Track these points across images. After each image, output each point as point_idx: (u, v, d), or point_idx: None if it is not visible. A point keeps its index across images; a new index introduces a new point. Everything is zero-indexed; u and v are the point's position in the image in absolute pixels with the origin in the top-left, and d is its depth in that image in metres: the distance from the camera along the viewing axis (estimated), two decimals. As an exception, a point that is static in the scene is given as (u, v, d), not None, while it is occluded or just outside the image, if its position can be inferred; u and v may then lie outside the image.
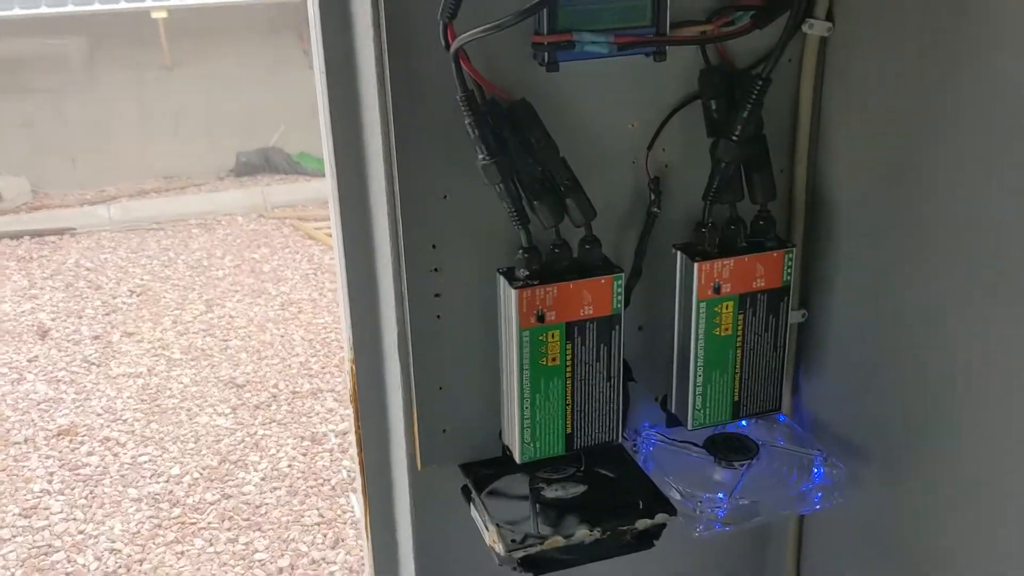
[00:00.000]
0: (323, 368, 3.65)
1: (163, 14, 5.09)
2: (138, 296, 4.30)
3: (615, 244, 0.82)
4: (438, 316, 0.79)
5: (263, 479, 3.03)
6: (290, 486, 3.02)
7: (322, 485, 3.04)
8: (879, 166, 0.79)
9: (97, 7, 4.97)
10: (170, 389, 3.50)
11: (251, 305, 4.19)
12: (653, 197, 0.81)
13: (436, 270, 0.78)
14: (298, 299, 4.25)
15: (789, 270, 0.82)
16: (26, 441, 3.18)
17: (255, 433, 3.25)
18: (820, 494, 0.82)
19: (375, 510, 0.93)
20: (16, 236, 4.98)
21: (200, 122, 5.86)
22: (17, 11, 4.87)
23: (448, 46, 0.68)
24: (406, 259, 0.77)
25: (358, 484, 0.99)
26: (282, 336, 3.90)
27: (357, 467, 0.95)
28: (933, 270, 0.74)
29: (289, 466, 3.11)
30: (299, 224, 5.12)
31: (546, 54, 0.71)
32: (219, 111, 5.87)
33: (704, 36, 0.76)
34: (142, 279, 4.48)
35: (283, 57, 5.86)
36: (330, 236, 4.16)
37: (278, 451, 3.17)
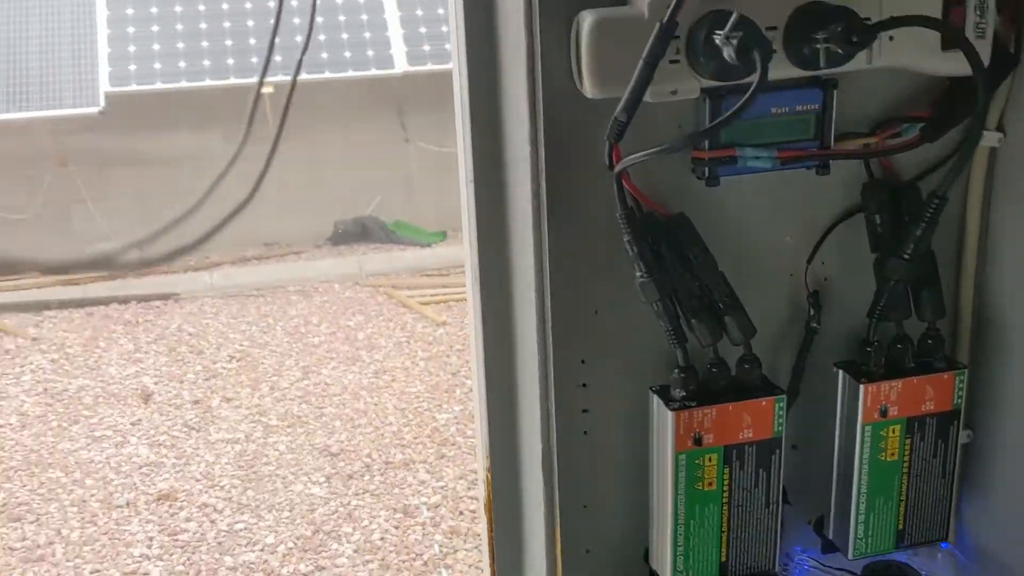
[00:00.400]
0: (415, 438, 3.65)
1: (270, 89, 5.29)
2: (238, 362, 4.39)
3: (771, 361, 0.79)
4: (585, 432, 0.77)
5: (356, 551, 3.03)
6: (382, 559, 3.01)
7: (414, 560, 3.01)
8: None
9: (208, 83, 5.19)
10: (266, 456, 3.54)
11: (345, 372, 4.24)
12: (812, 312, 0.78)
13: (584, 385, 0.76)
14: (391, 367, 4.29)
15: (960, 392, 0.77)
16: (128, 505, 3.25)
17: (348, 503, 3.25)
18: (992, 635, 0.77)
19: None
20: (124, 300, 5.17)
21: (301, 192, 6.04)
22: (134, 87, 5.13)
23: (612, 166, 0.68)
24: (555, 374, 0.75)
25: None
26: (375, 405, 3.93)
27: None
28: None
29: (382, 539, 3.09)
30: (393, 292, 5.19)
31: (707, 169, 0.70)
32: (319, 182, 6.05)
33: (869, 150, 0.74)
34: (241, 345, 4.58)
35: (382, 130, 6.02)
36: (422, 304, 4.21)
37: (371, 523, 3.17)
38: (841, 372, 0.78)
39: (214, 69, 5.22)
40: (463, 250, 0.86)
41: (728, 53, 0.62)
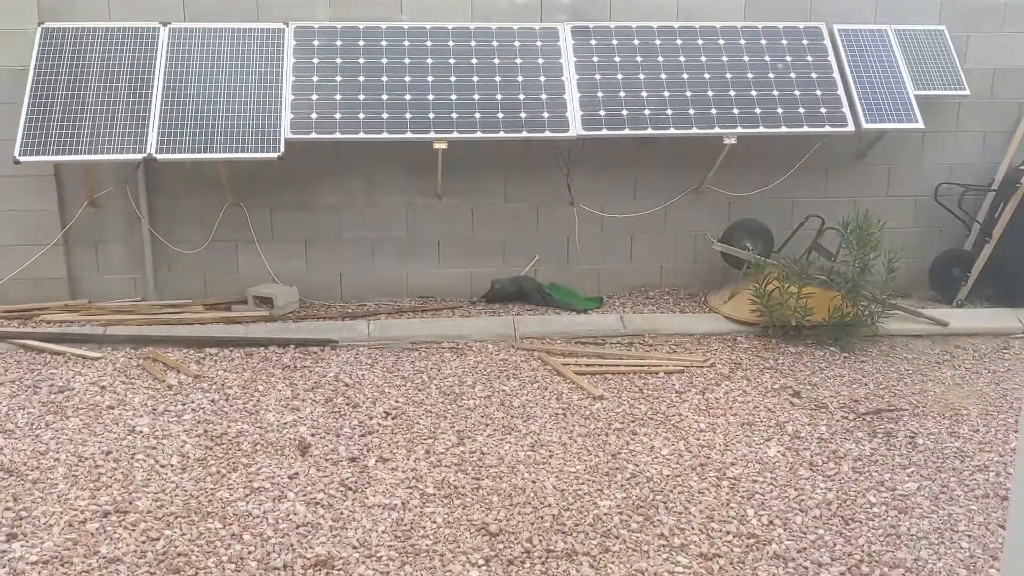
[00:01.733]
0: (576, 525, 3.46)
1: (444, 145, 5.29)
2: (393, 419, 4.32)
3: None
4: None
5: (515, 648, 2.84)
6: (544, 661, 2.81)
7: (576, 665, 2.81)
8: None
9: (385, 135, 5.23)
10: (424, 528, 3.42)
11: (501, 442, 4.11)
12: None
13: None
14: (548, 441, 4.13)
15: None
16: (285, 568, 3.17)
17: (507, 591, 3.08)
18: None
19: None
20: (283, 344, 5.21)
21: (460, 247, 6.02)
22: (314, 135, 5.21)
23: None
24: None
25: None
26: (533, 482, 3.76)
27: None
28: None
29: (541, 636, 2.90)
30: (547, 358, 5.06)
31: None
32: (480, 238, 6.01)
33: None
34: (397, 401, 4.52)
35: (546, 191, 5.96)
36: (578, 373, 4.02)
37: (530, 616, 2.99)
38: None
39: (391, 123, 5.25)
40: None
41: None
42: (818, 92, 5.59)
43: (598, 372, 4.90)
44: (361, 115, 5.25)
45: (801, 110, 5.54)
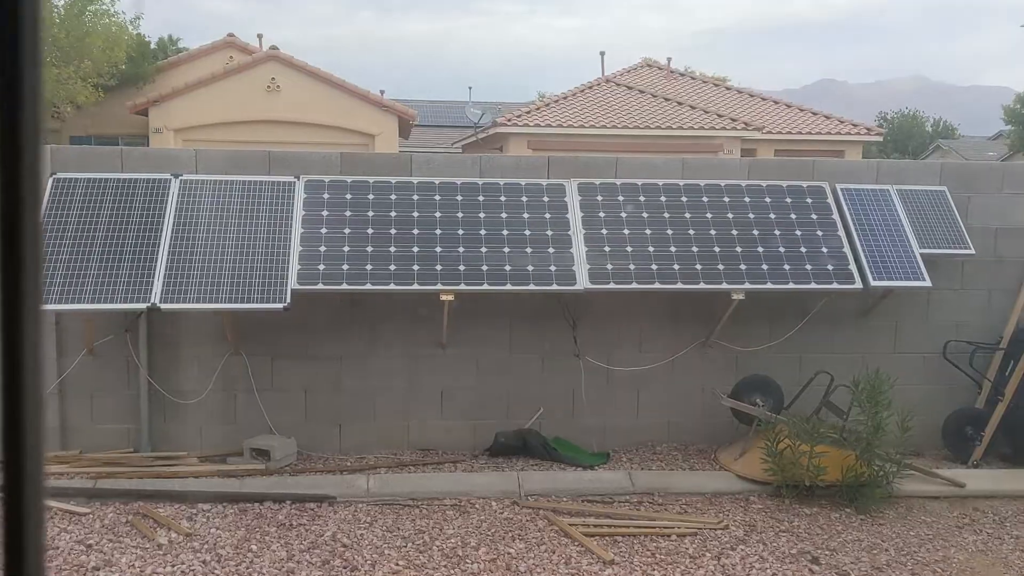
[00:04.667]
0: None
1: (450, 297, 5.26)
2: (393, 585, 4.10)
3: None
4: None
5: None
6: None
7: None
8: None
9: (393, 287, 5.21)
10: None
11: (508, 613, 3.87)
12: None
13: None
14: (557, 611, 3.90)
15: None
16: None
17: None
18: None
19: None
20: (279, 499, 5.02)
21: (463, 399, 5.90)
22: (320, 286, 5.19)
23: None
24: None
25: None
26: (543, 658, 3.52)
27: None
28: None
29: None
30: (554, 518, 4.86)
31: None
32: (484, 390, 5.91)
33: None
34: (397, 564, 4.30)
35: (552, 343, 5.90)
36: (586, 535, 3.83)
37: None
38: None
39: (399, 274, 5.24)
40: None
41: None
42: (824, 249, 5.63)
43: (608, 534, 4.70)
44: (369, 266, 5.25)
45: (808, 267, 5.56)
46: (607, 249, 5.47)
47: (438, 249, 5.34)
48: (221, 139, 16.63)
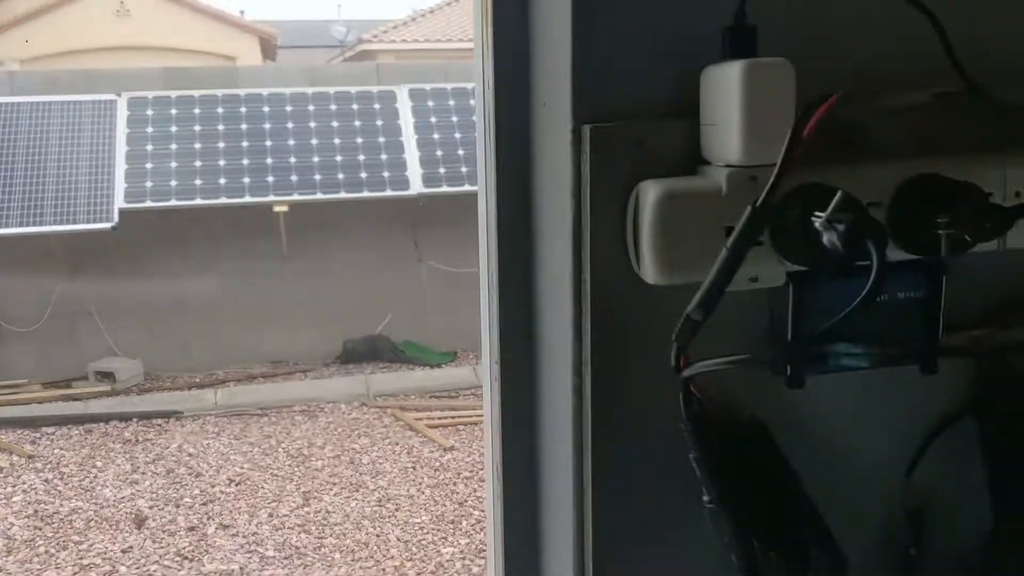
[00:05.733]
0: (418, 574, 3.47)
1: (284, 208, 5.31)
2: (237, 486, 4.24)
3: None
4: None
5: None
6: None
7: None
8: None
9: (223, 200, 5.22)
10: (261, 591, 3.37)
11: (348, 499, 4.09)
12: (912, 537, 0.67)
13: None
14: (395, 495, 4.13)
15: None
16: (111, 642, 3.06)
17: (344, 646, 3.06)
18: None
19: None
20: (125, 418, 5.06)
21: (311, 310, 6.00)
22: (149, 203, 5.16)
23: (679, 370, 0.57)
24: None
25: None
26: (377, 536, 3.76)
27: None
28: None
29: None
30: (400, 414, 5.07)
31: (789, 368, 0.58)
32: (329, 300, 6.01)
33: (980, 346, 0.63)
34: (242, 467, 4.44)
35: (394, 250, 6.02)
36: (430, 427, 4.05)
37: (368, 668, 2.97)
38: None
39: (229, 188, 5.25)
40: (486, 448, 0.74)
41: (830, 239, 0.51)
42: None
43: (450, 424, 4.94)
44: (198, 181, 5.23)
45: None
46: (439, 153, 5.60)
47: (269, 161, 5.36)
48: (72, 68, 15.80)
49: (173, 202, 5.17)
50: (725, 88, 0.53)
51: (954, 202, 0.54)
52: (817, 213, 0.52)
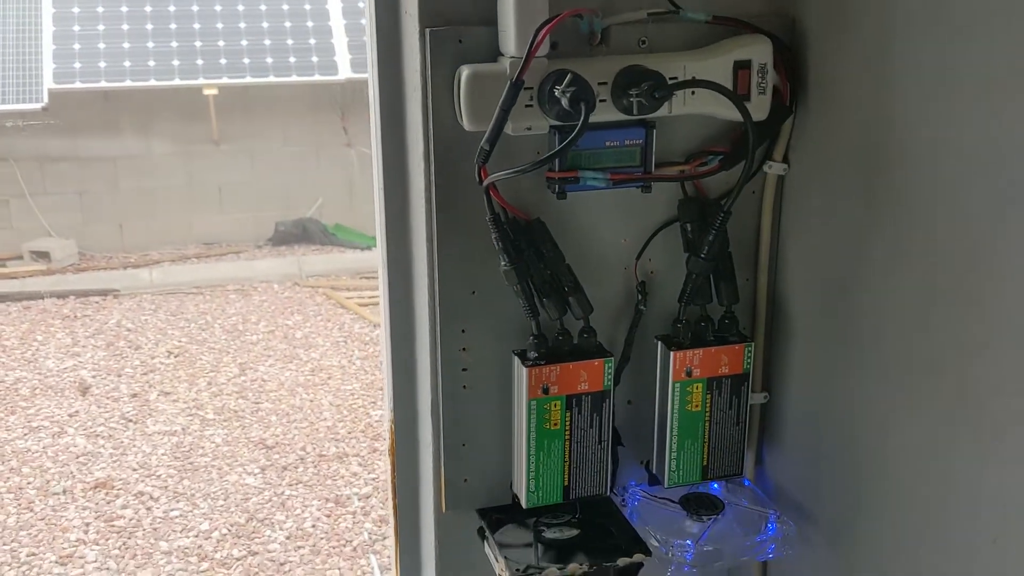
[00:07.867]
0: (349, 433, 3.82)
1: (214, 91, 5.42)
2: (175, 357, 4.51)
3: (609, 334, 1.01)
4: (464, 386, 0.99)
5: (288, 538, 3.19)
6: (313, 545, 3.17)
7: (344, 546, 3.19)
8: (826, 281, 0.99)
9: (153, 83, 5.31)
10: (202, 448, 3.69)
11: (283, 370, 4.39)
12: (640, 297, 1.01)
13: (464, 349, 0.98)
14: (327, 366, 4.45)
15: (749, 360, 1.01)
16: (64, 492, 3.37)
17: (282, 493, 3.42)
18: (773, 546, 1.00)
19: (405, 547, 1.12)
20: (62, 295, 5.25)
21: (242, 193, 6.17)
22: (78, 84, 5.22)
23: (481, 182, 0.89)
24: (441, 340, 0.97)
25: (391, 532, 1.17)
26: (311, 401, 4.09)
27: (391, 512, 1.13)
28: (871, 368, 0.93)
29: (313, 526, 3.26)
30: (332, 293, 5.35)
31: (556, 186, 0.92)
32: (261, 183, 6.18)
33: (682, 175, 0.98)
34: (180, 341, 4.70)
35: (324, 134, 6.18)
36: (360, 305, 4.36)
37: (303, 511, 3.33)
38: (659, 343, 1.00)
39: (159, 70, 5.33)
40: (378, 255, 1.07)
41: (564, 103, 0.83)
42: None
43: (379, 303, 5.25)
44: (127, 63, 5.30)
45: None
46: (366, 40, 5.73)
47: (198, 44, 5.44)
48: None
49: (103, 84, 5.25)
50: (507, 6, 0.86)
51: (642, 81, 0.86)
52: (557, 86, 0.84)
